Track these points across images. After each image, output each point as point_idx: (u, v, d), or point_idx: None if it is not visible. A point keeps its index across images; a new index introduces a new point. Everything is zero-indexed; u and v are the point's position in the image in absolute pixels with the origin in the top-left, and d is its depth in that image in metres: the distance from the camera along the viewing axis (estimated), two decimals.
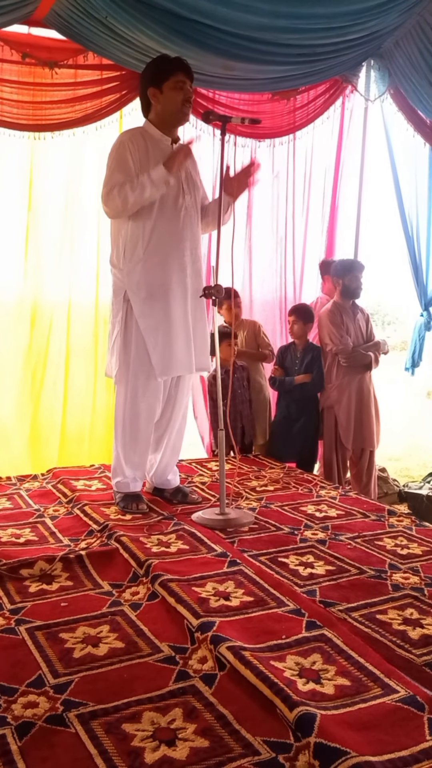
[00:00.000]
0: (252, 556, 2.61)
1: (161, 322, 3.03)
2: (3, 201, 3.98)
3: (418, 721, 1.63)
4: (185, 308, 3.08)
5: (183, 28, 3.63)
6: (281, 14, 3.68)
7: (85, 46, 3.75)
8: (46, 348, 4.12)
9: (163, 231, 3.01)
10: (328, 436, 4.32)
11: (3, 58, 3.71)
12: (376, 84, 4.59)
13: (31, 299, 4.08)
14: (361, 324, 4.34)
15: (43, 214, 4.04)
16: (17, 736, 1.55)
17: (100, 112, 3.95)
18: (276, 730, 1.60)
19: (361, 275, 4.32)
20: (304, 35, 3.90)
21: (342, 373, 4.27)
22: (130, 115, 4.01)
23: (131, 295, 3.04)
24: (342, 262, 4.44)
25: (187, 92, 3.01)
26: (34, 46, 3.75)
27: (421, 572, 2.52)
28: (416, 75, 4.34)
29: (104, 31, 3.60)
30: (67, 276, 4.12)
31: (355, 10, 3.78)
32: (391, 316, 13.26)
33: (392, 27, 4.15)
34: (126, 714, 1.64)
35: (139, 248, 3.01)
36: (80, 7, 3.46)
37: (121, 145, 3.03)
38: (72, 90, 3.89)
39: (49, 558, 2.49)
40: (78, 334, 4.16)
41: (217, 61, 3.87)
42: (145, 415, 3.14)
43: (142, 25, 3.53)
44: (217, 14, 3.57)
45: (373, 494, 4.41)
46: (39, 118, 3.85)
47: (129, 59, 3.78)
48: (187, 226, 3.08)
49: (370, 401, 4.34)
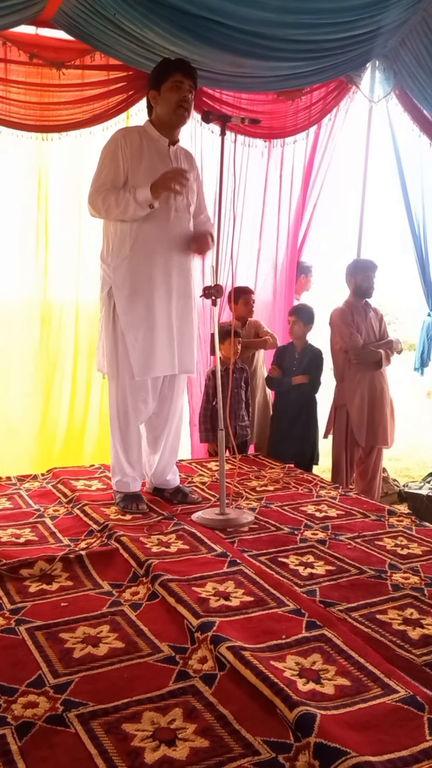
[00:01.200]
0: (252, 556, 2.61)
1: (143, 319, 3.02)
2: (13, 201, 4.00)
3: (418, 721, 1.63)
4: (169, 308, 3.07)
5: (191, 25, 3.63)
6: (288, 9, 3.69)
7: (94, 46, 3.75)
8: (55, 347, 4.15)
9: (152, 229, 3.01)
10: (338, 435, 4.33)
11: (11, 58, 3.72)
12: (380, 85, 4.60)
13: (41, 298, 4.11)
14: (373, 323, 4.35)
15: (52, 214, 4.06)
16: (17, 736, 1.55)
17: (107, 113, 3.95)
18: (276, 730, 1.60)
19: (374, 275, 4.34)
20: (311, 30, 3.90)
21: (353, 371, 4.28)
22: (137, 115, 4.02)
23: (116, 291, 3.04)
24: (355, 262, 4.48)
25: (184, 92, 2.98)
26: (41, 47, 3.76)
27: (421, 572, 2.53)
28: (422, 72, 4.33)
29: (112, 30, 3.60)
30: (75, 275, 4.14)
31: (361, 4, 3.79)
32: (392, 316, 13.24)
33: (398, 22, 4.14)
34: (126, 714, 1.64)
35: (126, 245, 3.01)
36: (89, 5, 3.46)
37: (114, 142, 3.03)
38: (79, 91, 3.89)
39: (49, 558, 2.49)
40: (86, 334, 4.19)
41: (224, 58, 3.88)
42: (134, 412, 3.14)
43: (150, 23, 3.54)
44: (225, 10, 3.58)
45: (377, 492, 4.42)
46: (46, 119, 3.86)
47: (137, 58, 3.78)
48: (177, 227, 3.07)
49: (384, 399, 4.33)
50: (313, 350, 4.33)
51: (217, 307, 3.14)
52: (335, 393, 4.36)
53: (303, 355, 4.29)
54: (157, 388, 3.20)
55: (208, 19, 3.63)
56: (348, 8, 3.81)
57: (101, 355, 3.21)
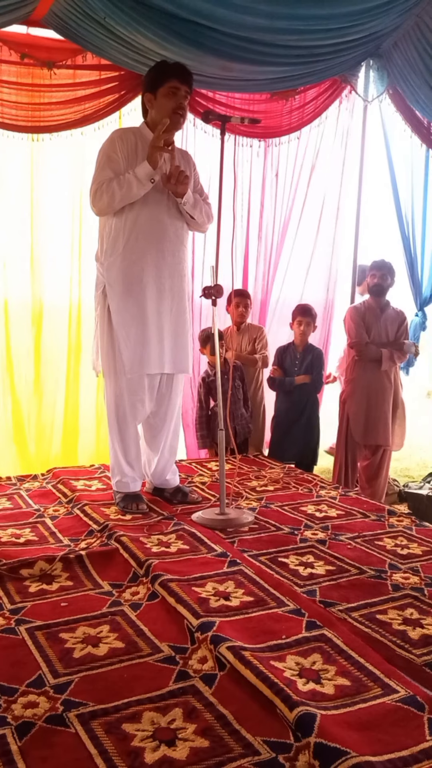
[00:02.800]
0: (252, 556, 2.61)
1: (135, 318, 3.04)
2: (6, 202, 4.00)
3: (418, 721, 1.63)
4: (160, 307, 3.08)
5: (181, 30, 3.63)
6: (280, 15, 3.68)
7: (84, 47, 3.75)
8: (52, 347, 4.16)
9: (145, 228, 3.01)
10: (339, 434, 4.36)
11: (2, 58, 3.72)
12: (374, 84, 4.60)
13: (34, 299, 4.11)
14: (389, 324, 4.35)
15: (46, 214, 4.07)
16: (17, 736, 1.55)
17: (99, 113, 3.95)
18: (276, 730, 1.60)
19: (379, 274, 4.34)
20: (303, 36, 3.90)
21: (357, 368, 4.32)
22: (129, 115, 4.02)
23: (109, 289, 3.05)
24: (372, 261, 4.50)
25: (180, 99, 2.96)
26: (32, 47, 3.75)
27: (421, 572, 2.52)
28: (414, 76, 4.34)
29: (102, 32, 3.60)
30: (71, 276, 4.13)
31: (353, 11, 3.79)
32: None
33: (390, 28, 4.15)
34: (126, 714, 1.64)
35: (119, 243, 3.02)
36: (78, 7, 3.46)
37: (111, 142, 3.04)
38: (71, 91, 3.89)
39: (49, 558, 2.49)
40: (82, 334, 4.19)
41: (215, 62, 3.87)
42: (132, 411, 3.14)
43: (140, 26, 3.53)
44: (215, 15, 3.58)
45: (381, 494, 4.41)
46: (38, 119, 3.85)
47: (127, 60, 3.78)
48: (170, 226, 3.07)
49: (386, 398, 4.32)
50: (314, 350, 4.34)
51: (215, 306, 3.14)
52: (340, 391, 4.42)
53: (304, 355, 4.30)
54: (154, 387, 3.20)
55: (199, 24, 3.63)
56: (340, 15, 3.80)
57: (95, 355, 3.23)
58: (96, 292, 3.16)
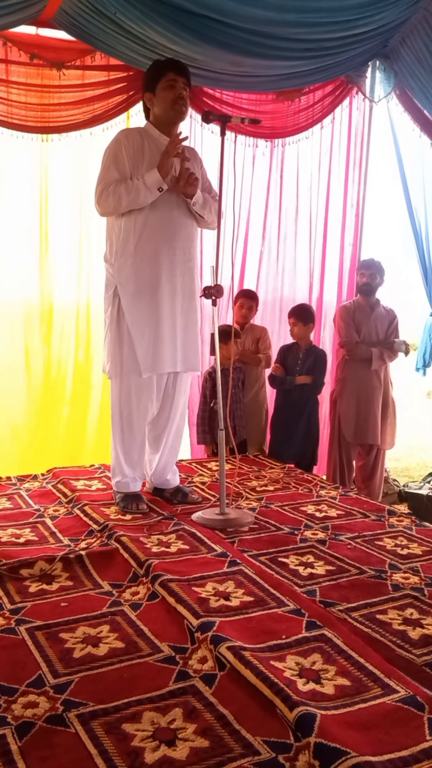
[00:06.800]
0: (252, 556, 2.61)
1: (148, 317, 3.04)
2: (16, 202, 4.00)
3: (418, 721, 1.63)
4: (173, 306, 3.08)
5: (192, 24, 3.64)
6: (289, 8, 3.70)
7: (94, 45, 3.75)
8: (60, 348, 4.16)
9: (155, 228, 3.02)
10: (332, 433, 4.37)
11: (11, 59, 3.72)
12: (381, 85, 4.60)
13: (42, 299, 4.11)
14: (378, 323, 4.36)
15: (55, 214, 4.07)
16: (17, 736, 1.54)
17: (107, 113, 3.96)
18: (276, 730, 1.60)
19: (368, 273, 4.37)
20: (312, 29, 3.91)
21: (348, 367, 4.34)
22: (137, 115, 4.02)
23: (121, 290, 3.05)
24: (361, 261, 4.54)
25: (179, 89, 3.00)
26: (41, 47, 3.76)
27: (421, 572, 2.53)
28: (423, 71, 4.33)
29: (113, 29, 3.61)
30: (77, 276, 4.14)
31: (362, 2, 3.80)
32: None
33: (398, 21, 4.14)
34: (126, 714, 1.64)
35: (130, 244, 3.02)
36: (90, 4, 3.46)
37: (117, 142, 3.05)
38: (80, 91, 3.90)
39: (49, 558, 2.49)
40: (91, 334, 4.19)
41: (225, 57, 3.88)
42: (139, 412, 3.14)
43: (151, 21, 3.54)
44: (225, 9, 3.59)
45: (377, 493, 4.42)
46: (47, 120, 3.86)
47: (138, 57, 3.78)
48: (181, 225, 3.08)
49: (376, 397, 4.34)
50: (317, 351, 4.34)
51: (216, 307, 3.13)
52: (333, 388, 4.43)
53: (307, 355, 4.30)
54: (162, 387, 3.21)
55: (209, 18, 3.64)
56: (348, 7, 3.81)
57: (105, 357, 3.21)
58: (106, 293, 3.16)
